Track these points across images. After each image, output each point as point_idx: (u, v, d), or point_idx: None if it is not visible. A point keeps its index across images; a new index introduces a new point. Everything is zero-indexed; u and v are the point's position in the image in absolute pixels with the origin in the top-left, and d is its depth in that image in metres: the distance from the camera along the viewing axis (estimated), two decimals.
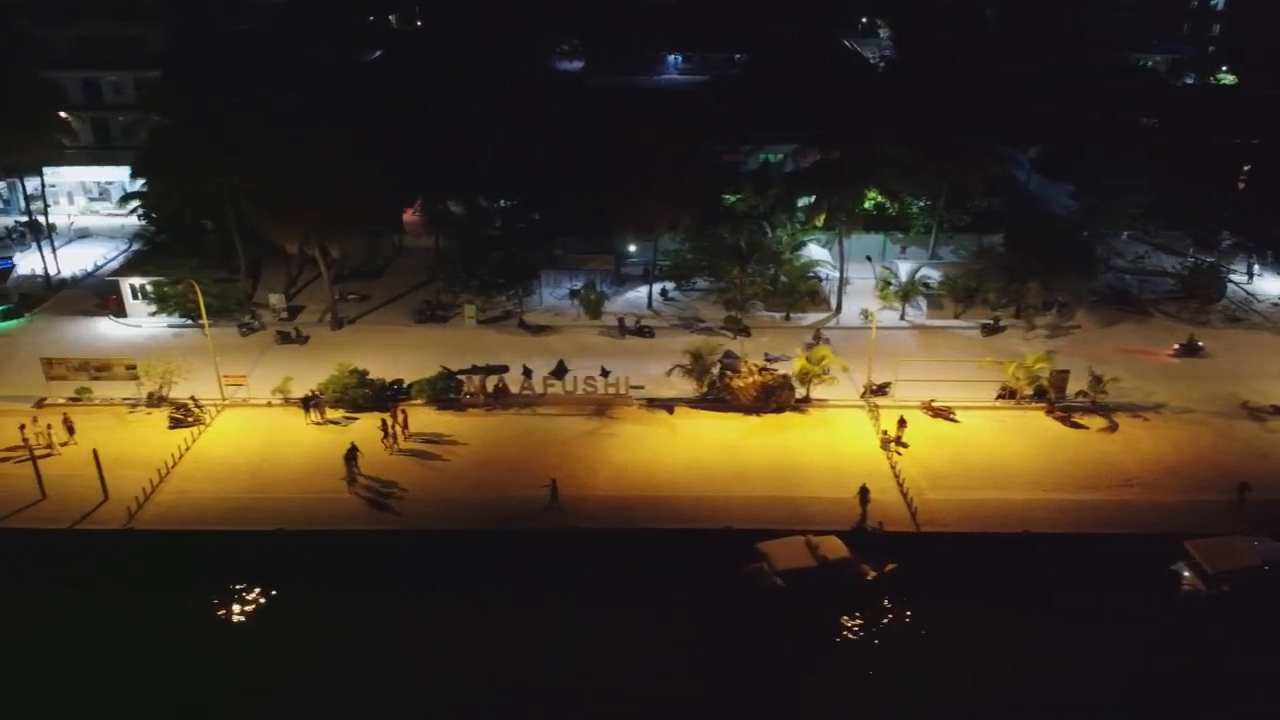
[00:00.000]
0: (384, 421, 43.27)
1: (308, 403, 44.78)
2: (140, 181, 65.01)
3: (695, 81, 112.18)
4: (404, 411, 43.87)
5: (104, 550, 37.18)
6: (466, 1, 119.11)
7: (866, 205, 60.61)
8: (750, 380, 45.21)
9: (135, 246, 66.31)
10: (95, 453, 39.43)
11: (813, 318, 56.27)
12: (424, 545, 37.22)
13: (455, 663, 33.19)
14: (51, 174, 71.99)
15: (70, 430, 42.13)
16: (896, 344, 52.74)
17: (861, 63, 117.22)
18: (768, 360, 47.48)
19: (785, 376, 45.75)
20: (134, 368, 46.02)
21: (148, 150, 54.54)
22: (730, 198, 61.31)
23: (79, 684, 32.53)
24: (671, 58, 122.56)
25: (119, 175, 73.63)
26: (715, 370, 45.90)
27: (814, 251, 58.92)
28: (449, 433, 44.18)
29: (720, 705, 32.22)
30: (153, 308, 54.75)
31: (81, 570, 36.72)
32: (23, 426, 41.73)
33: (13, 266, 57.28)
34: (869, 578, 35.83)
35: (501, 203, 61.46)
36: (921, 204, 61.36)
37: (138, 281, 54.87)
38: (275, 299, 55.94)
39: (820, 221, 55.46)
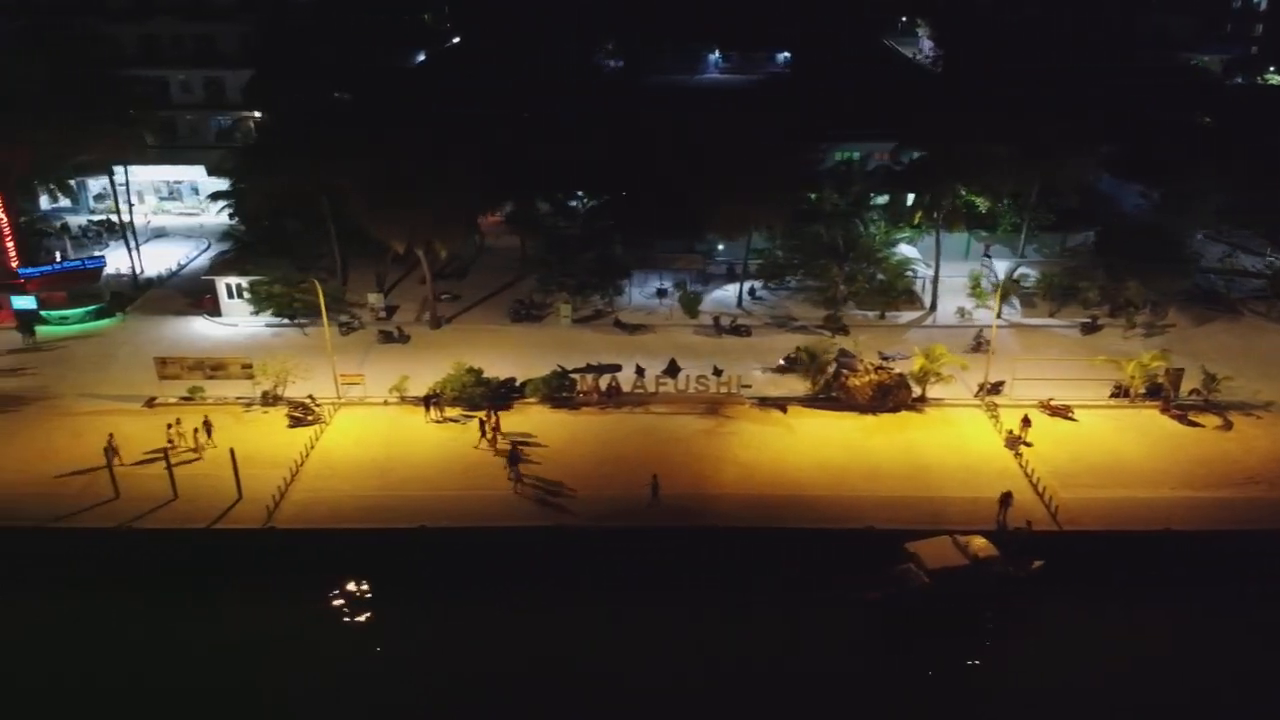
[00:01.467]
0: (481, 421, 43.35)
1: (428, 401, 44.78)
2: (223, 181, 65.58)
3: (738, 81, 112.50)
4: (496, 413, 43.82)
5: (254, 548, 37.23)
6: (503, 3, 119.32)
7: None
8: (866, 379, 45.17)
9: (212, 245, 66.73)
10: (232, 452, 39.48)
11: (906, 316, 56.28)
12: (573, 542, 37.23)
13: (617, 658, 33.27)
14: (122, 173, 72.12)
15: (209, 432, 42.05)
16: (996, 343, 52.55)
17: (906, 61, 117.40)
18: (883, 359, 47.39)
19: (901, 375, 45.69)
20: (250, 367, 46.00)
21: (251, 149, 54.42)
22: (810, 196, 61.20)
23: (278, 682, 32.77)
24: (712, 57, 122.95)
25: (189, 175, 73.93)
26: (831, 369, 45.79)
27: (903, 250, 58.87)
28: (567, 431, 44.18)
29: (878, 702, 32.21)
30: (251, 307, 54.72)
31: (241, 569, 36.90)
32: (170, 426, 41.79)
33: (104, 264, 57.03)
34: (1016, 576, 35.80)
35: (587, 203, 61.51)
36: (1007, 203, 61.22)
37: (234, 281, 54.84)
38: (374, 298, 55.95)
39: (917, 219, 55.41)
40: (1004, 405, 45.74)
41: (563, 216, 60.98)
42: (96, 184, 73.72)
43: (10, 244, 55.50)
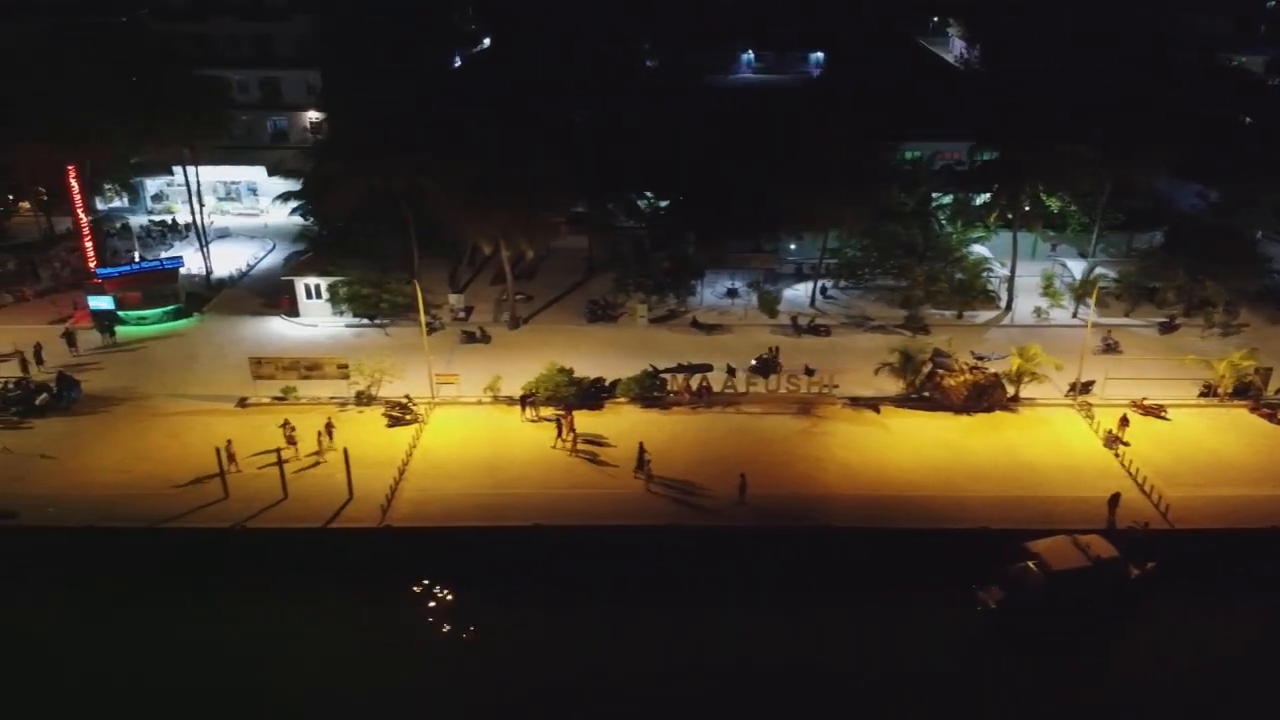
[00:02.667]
0: (558, 421, 43.44)
1: (524, 401, 44.88)
2: (281, 181, 65.69)
3: (774, 81, 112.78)
4: (571, 413, 43.79)
5: (371, 547, 37.35)
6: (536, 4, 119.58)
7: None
8: (962, 379, 45.26)
9: (277, 246, 66.80)
10: (345, 452, 39.63)
11: (983, 316, 56.40)
12: (690, 541, 37.31)
13: (738, 658, 33.42)
14: (182, 173, 72.15)
15: (330, 434, 42.00)
16: (1074, 342, 52.43)
17: (942, 62, 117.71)
18: (977, 359, 47.49)
19: (996, 375, 45.79)
20: (346, 367, 46.09)
21: (330, 149, 54.44)
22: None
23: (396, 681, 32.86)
24: (744, 57, 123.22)
25: (248, 175, 73.92)
26: (926, 369, 45.89)
27: (974, 249, 58.95)
28: (664, 432, 44.22)
29: (1003, 702, 32.29)
30: (330, 307, 54.78)
31: (358, 568, 37.00)
32: (282, 425, 41.89)
33: (182, 265, 57.08)
34: (1133, 575, 35.92)
35: (654, 203, 61.59)
36: (1075, 204, 61.25)
37: (313, 281, 54.89)
38: (455, 299, 56.04)
39: (993, 219, 55.54)
40: (1096, 405, 45.85)
41: (630, 217, 61.02)
42: (153, 184, 73.86)
43: (89, 244, 55.56)
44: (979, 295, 55.75)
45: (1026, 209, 55.86)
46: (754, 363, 48.29)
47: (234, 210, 73.80)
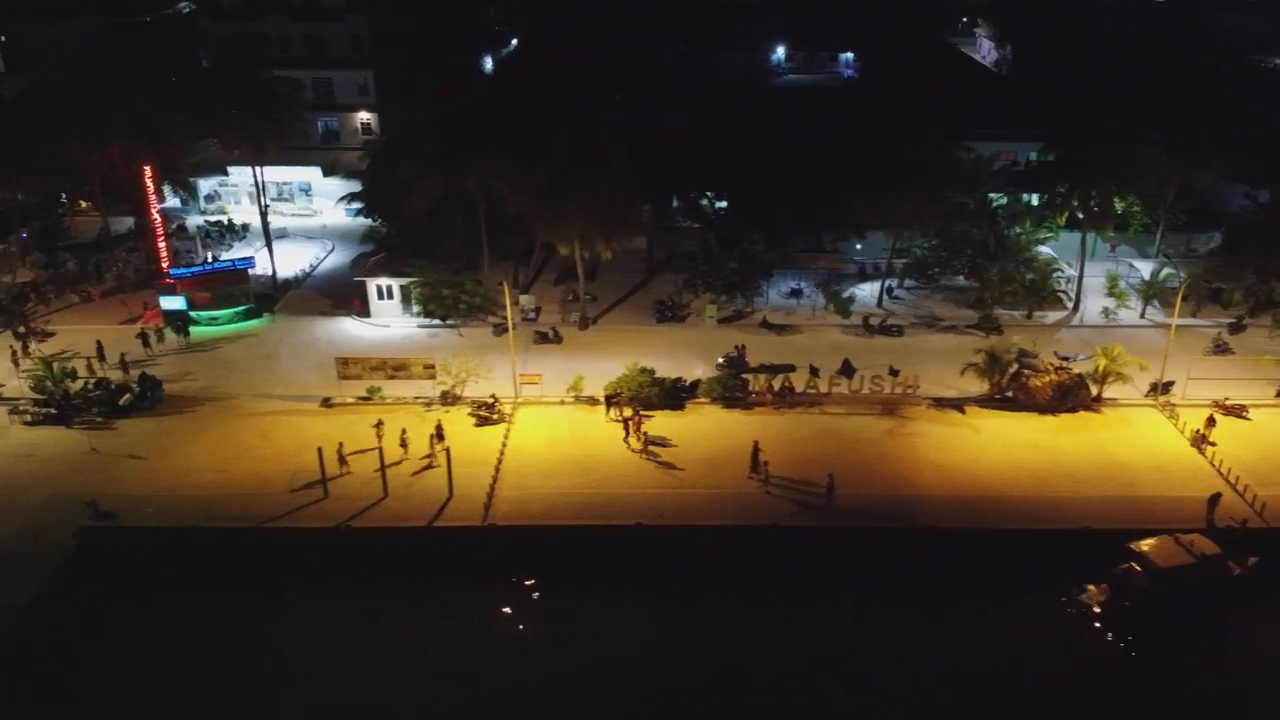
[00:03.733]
0: (625, 422, 43.58)
1: (610, 401, 45.04)
2: (332, 181, 65.76)
3: (806, 81, 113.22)
4: (639, 416, 43.93)
5: (475, 545, 37.56)
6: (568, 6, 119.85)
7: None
8: (1047, 380, 45.42)
9: (336, 247, 66.96)
10: (448, 452, 39.85)
11: (1052, 316, 56.58)
12: (789, 541, 37.46)
13: (837, 658, 33.60)
14: (236, 173, 72.46)
15: (440, 436, 41.92)
16: (1143, 342, 52.73)
17: (975, 63, 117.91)
18: (1061, 359, 47.64)
19: (1080, 376, 45.95)
20: (432, 367, 46.25)
21: (408, 152, 54.55)
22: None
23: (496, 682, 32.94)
24: (776, 57, 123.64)
25: (303, 175, 74.04)
26: (1012, 369, 46.04)
27: (1039, 249, 59.14)
28: (749, 432, 44.18)
29: (1111, 701, 32.39)
30: (401, 307, 54.93)
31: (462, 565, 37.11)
32: (379, 423, 41.89)
33: (254, 266, 57.23)
34: (1236, 573, 36.08)
35: (716, 203, 61.80)
36: (1139, 205, 61.46)
37: (384, 282, 55.04)
38: (525, 300, 56.21)
39: (1062, 219, 55.78)
40: (1177, 405, 46.03)
41: (692, 217, 61.18)
42: (205, 185, 74.02)
43: (163, 244, 55.72)
44: (1049, 296, 55.86)
45: (1095, 210, 55.95)
46: (722, 360, 48.96)
47: (288, 210, 73.86)
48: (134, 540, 37.49)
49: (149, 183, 53.63)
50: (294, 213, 73.71)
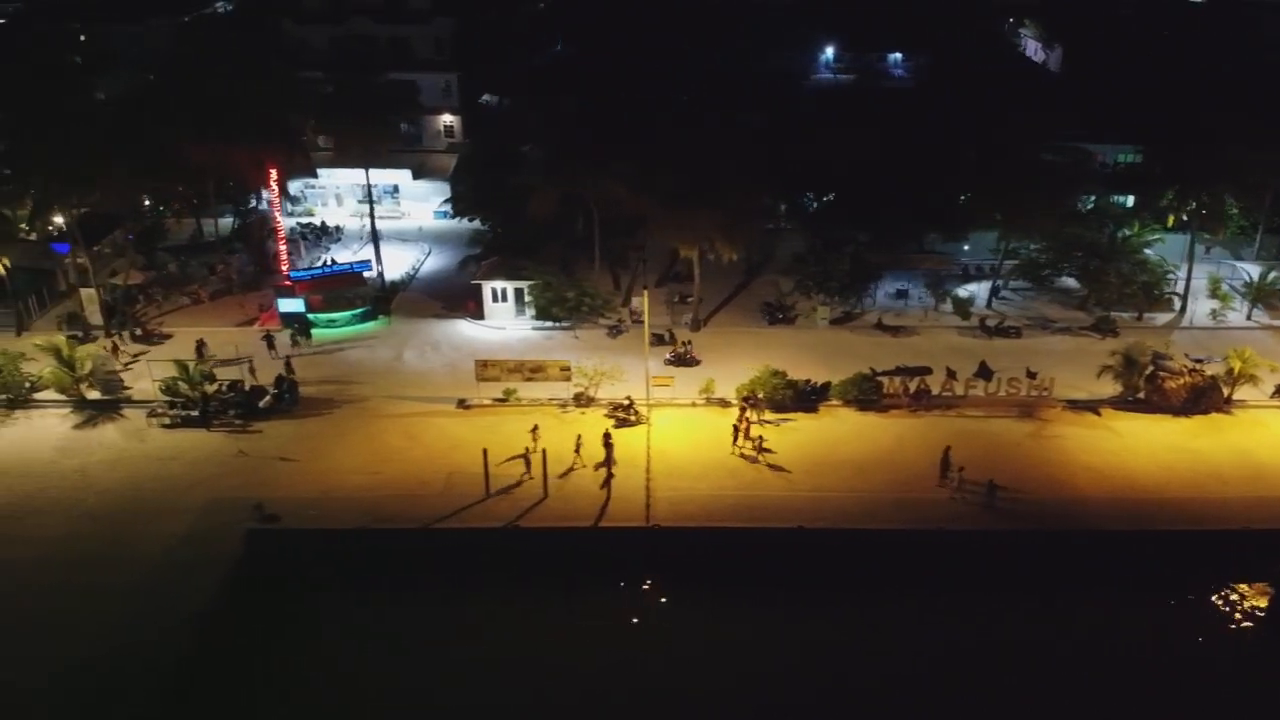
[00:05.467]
0: (735, 426, 43.67)
1: (746, 403, 45.22)
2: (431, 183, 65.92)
3: (854, 81, 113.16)
4: (749, 419, 44.04)
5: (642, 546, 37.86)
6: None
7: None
8: (1182, 382, 45.59)
9: (430, 250, 67.21)
10: (609, 449, 40.04)
11: (1161, 318, 56.72)
12: (950, 545, 37.70)
13: (1004, 659, 33.80)
14: (324, 175, 72.82)
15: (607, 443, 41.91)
16: (1253, 344, 52.17)
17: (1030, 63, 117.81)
18: (1194, 361, 47.78)
19: (1213, 378, 46.10)
20: (568, 369, 46.53)
21: (510, 155, 54.78)
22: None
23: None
24: (823, 57, 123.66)
25: (393, 178, 74.20)
26: (1147, 371, 46.20)
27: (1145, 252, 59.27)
28: (889, 435, 44.62)
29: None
30: (516, 309, 55.21)
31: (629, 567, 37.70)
32: (535, 428, 42.33)
33: (370, 268, 57.52)
34: None
35: (815, 204, 62.03)
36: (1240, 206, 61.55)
37: (499, 285, 55.27)
38: (636, 301, 56.30)
39: (1171, 221, 55.92)
40: None
41: (794, 218, 61.40)
42: (292, 187, 74.14)
43: (283, 247, 56.04)
44: (1162, 297, 56.03)
45: (1203, 212, 56.14)
46: (669, 356, 49.90)
47: (375, 213, 73.84)
48: (302, 542, 37.78)
49: (274, 185, 53.92)
50: (381, 215, 73.79)
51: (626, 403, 45.67)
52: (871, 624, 35.74)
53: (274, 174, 54.43)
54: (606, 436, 41.57)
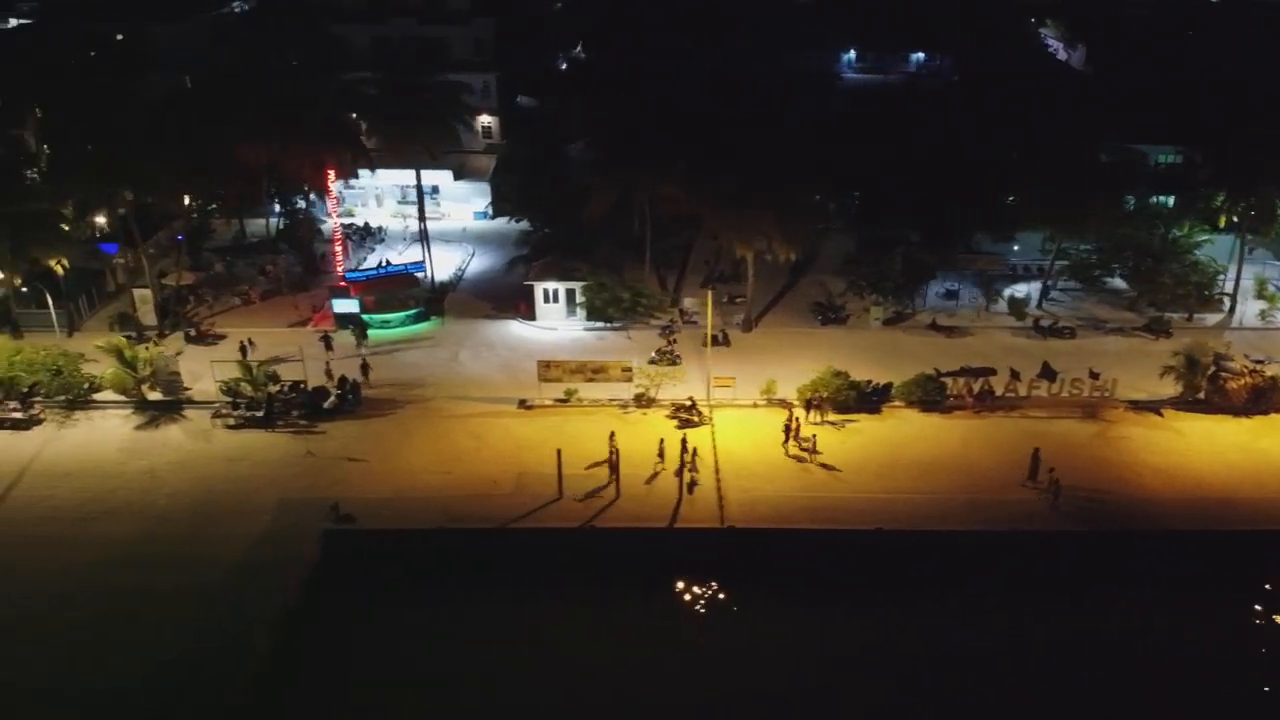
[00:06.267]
0: (787, 426, 43.72)
1: (809, 404, 45.34)
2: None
3: (880, 81, 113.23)
4: (799, 419, 44.15)
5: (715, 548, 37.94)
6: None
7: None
8: (1243, 382, 45.65)
9: (474, 252, 67.26)
10: (695, 451, 40.40)
11: (1211, 318, 56.76)
12: (1026, 545, 37.79)
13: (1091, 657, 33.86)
14: (366, 176, 72.73)
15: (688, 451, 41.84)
16: None
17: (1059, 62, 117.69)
18: (1254, 362, 47.82)
19: (1273, 378, 46.13)
20: (629, 370, 46.63)
21: (596, 153, 54.81)
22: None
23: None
24: (846, 57, 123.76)
25: (434, 178, 74.08)
26: (1209, 372, 46.25)
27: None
28: (954, 436, 44.69)
29: None
30: (567, 310, 55.30)
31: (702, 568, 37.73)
32: (612, 436, 42.14)
33: (424, 269, 57.62)
34: None
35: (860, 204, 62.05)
36: None
37: (551, 286, 55.34)
38: (689, 302, 56.57)
39: (1223, 222, 56.01)
40: None
41: (841, 218, 61.46)
42: (332, 187, 74.23)
43: (339, 247, 56.11)
44: (1212, 298, 56.09)
45: (1251, 213, 56.11)
46: (654, 355, 49.86)
47: (413, 214, 73.99)
48: (379, 543, 37.87)
49: (331, 186, 54.03)
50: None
51: (689, 403, 45.75)
52: (953, 625, 35.75)
53: (331, 175, 54.47)
54: (684, 441, 41.57)
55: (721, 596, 37.37)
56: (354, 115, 57.03)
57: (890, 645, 34.80)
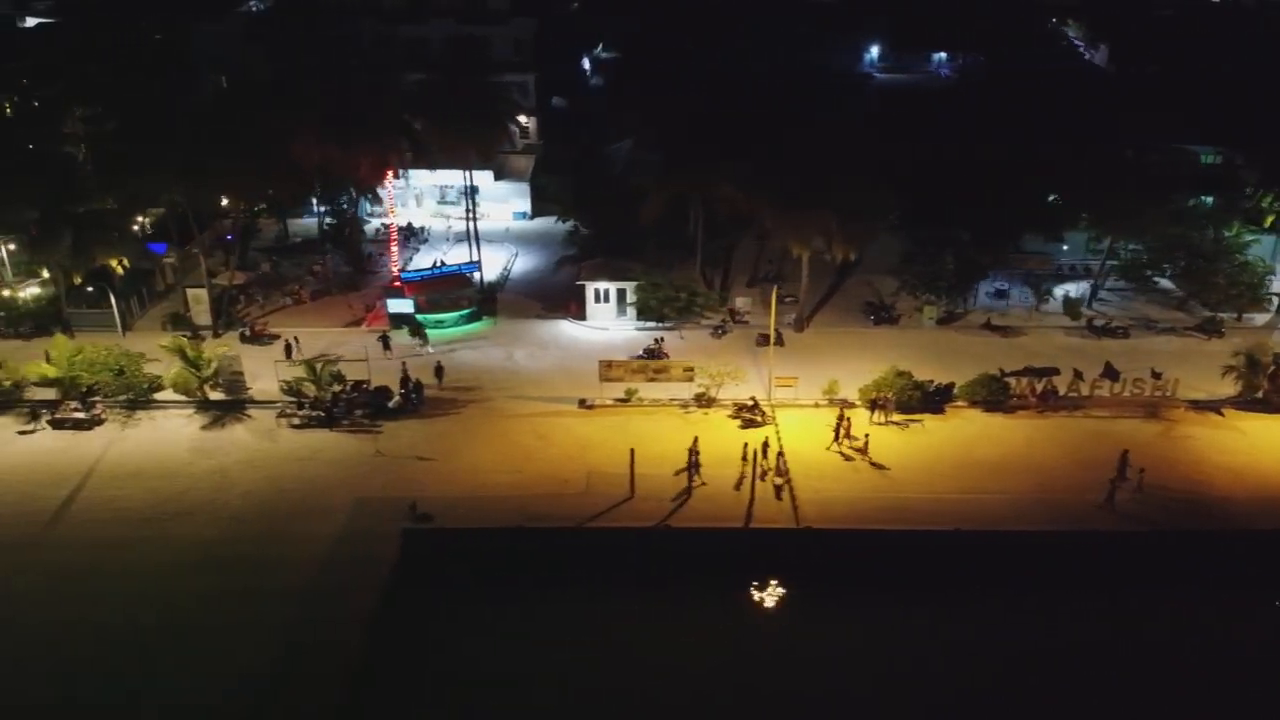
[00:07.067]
0: (837, 426, 43.79)
1: (874, 404, 45.46)
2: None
3: (907, 80, 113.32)
4: (849, 418, 44.12)
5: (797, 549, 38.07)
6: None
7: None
8: None
9: (516, 253, 67.39)
10: (781, 454, 40.46)
11: (1260, 318, 56.83)
12: (1111, 546, 37.97)
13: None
14: (405, 176, 72.80)
15: (767, 454, 41.94)
16: None
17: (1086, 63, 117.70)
18: None
19: None
20: (691, 370, 46.75)
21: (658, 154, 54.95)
22: None
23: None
24: (868, 56, 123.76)
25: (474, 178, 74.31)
26: (1270, 370, 46.36)
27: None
28: (1019, 435, 44.77)
29: None
30: (617, 310, 55.43)
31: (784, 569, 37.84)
32: (695, 441, 41.77)
33: (478, 269, 57.76)
34: None
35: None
36: None
37: (602, 286, 55.45)
38: (742, 302, 56.66)
39: (1267, 222, 56.15)
40: None
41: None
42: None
43: (394, 248, 56.21)
44: (1264, 298, 56.22)
45: None
46: (643, 353, 50.20)
47: (453, 214, 74.18)
48: (458, 542, 37.98)
49: (389, 185, 54.13)
50: (462, 216, 73.96)
51: (751, 403, 45.86)
52: (1031, 625, 35.87)
53: (389, 175, 54.63)
54: (764, 443, 41.66)
55: (798, 597, 37.46)
56: (409, 116, 56.91)
57: (975, 644, 34.89)
